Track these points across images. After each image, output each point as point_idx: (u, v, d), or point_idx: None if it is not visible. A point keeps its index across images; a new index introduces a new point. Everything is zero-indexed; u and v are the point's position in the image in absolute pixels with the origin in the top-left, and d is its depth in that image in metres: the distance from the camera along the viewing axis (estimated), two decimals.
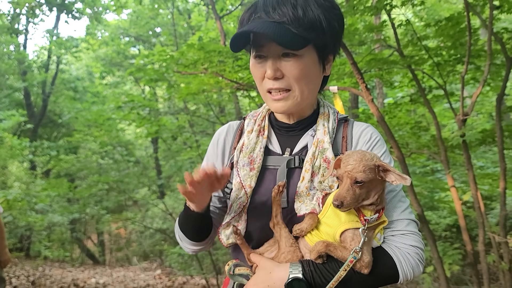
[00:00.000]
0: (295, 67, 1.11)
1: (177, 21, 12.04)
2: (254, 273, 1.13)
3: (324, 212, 1.10)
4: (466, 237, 3.33)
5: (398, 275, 1.07)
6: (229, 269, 1.16)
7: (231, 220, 1.20)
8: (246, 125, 1.30)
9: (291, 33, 1.06)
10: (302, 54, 1.11)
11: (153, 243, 11.07)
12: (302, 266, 1.05)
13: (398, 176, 1.01)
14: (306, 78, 1.14)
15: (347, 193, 1.00)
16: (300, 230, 1.10)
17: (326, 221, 1.08)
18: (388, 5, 3.12)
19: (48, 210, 9.11)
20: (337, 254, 1.04)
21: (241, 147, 1.25)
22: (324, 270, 1.05)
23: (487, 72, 3.04)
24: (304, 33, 1.07)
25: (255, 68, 1.18)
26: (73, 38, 14.19)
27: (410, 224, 1.13)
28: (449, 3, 9.42)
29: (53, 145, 11.99)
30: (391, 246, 1.10)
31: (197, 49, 4.05)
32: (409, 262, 1.08)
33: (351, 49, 3.79)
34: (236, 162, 1.24)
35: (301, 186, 1.14)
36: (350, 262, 1.01)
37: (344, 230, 1.04)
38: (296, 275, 1.03)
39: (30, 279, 7.54)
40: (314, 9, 1.09)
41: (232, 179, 1.24)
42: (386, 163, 1.03)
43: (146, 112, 7.39)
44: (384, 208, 1.08)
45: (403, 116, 4.43)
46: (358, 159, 1.01)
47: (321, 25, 1.09)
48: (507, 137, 3.71)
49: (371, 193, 1.03)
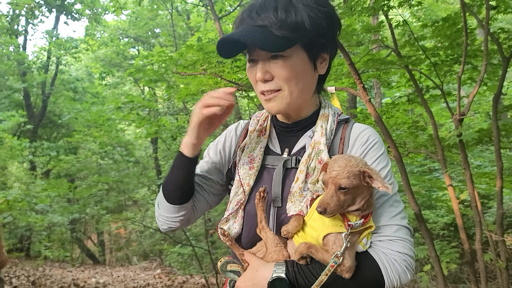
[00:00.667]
0: (283, 68, 1.13)
1: (176, 22, 12.05)
2: (245, 270, 1.16)
3: (310, 215, 1.10)
4: (463, 235, 3.34)
5: (383, 280, 1.05)
6: (221, 266, 1.18)
7: (229, 216, 1.24)
8: (250, 125, 1.34)
9: (273, 36, 1.08)
10: (289, 55, 1.13)
11: (153, 243, 11.09)
12: (286, 266, 1.06)
13: (382, 184, 0.99)
14: (295, 78, 1.15)
15: (331, 200, 0.99)
16: (287, 232, 1.11)
17: (312, 223, 1.08)
18: (386, 6, 3.14)
19: (48, 210, 9.13)
20: (318, 257, 1.04)
21: (243, 146, 1.29)
22: (308, 271, 1.05)
23: (484, 72, 3.05)
24: (288, 34, 1.09)
25: (249, 72, 1.21)
26: (73, 39, 14.22)
27: (400, 230, 1.11)
28: (446, 3, 9.45)
29: (53, 145, 12.01)
30: (377, 252, 1.08)
31: (196, 50, 4.07)
32: (395, 268, 1.06)
33: (348, 49, 3.81)
34: (238, 161, 1.28)
35: (294, 187, 1.16)
36: (331, 267, 1.00)
37: (327, 234, 1.04)
38: (279, 274, 1.05)
39: (31, 279, 7.55)
40: (297, 10, 1.10)
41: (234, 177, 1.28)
42: (371, 169, 1.01)
43: (146, 113, 7.41)
44: (371, 213, 1.07)
45: (401, 116, 4.45)
46: (343, 165, 1.00)
47: (304, 25, 1.10)
48: (504, 136, 3.73)
49: (357, 199, 1.02)
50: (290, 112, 1.25)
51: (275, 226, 1.20)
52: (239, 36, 1.09)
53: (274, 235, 1.14)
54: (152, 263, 10.88)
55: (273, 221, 1.20)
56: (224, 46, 1.15)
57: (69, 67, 16.44)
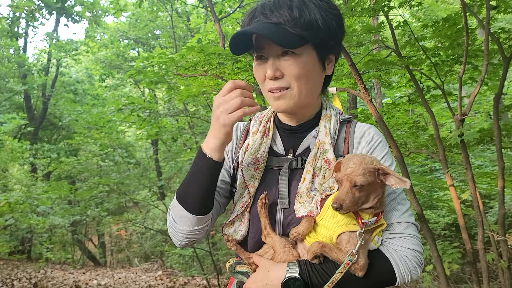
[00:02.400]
0: (294, 66, 1.13)
1: (176, 23, 12.06)
2: (254, 271, 1.15)
3: (322, 214, 1.10)
4: (465, 235, 3.34)
5: (395, 277, 1.08)
6: (230, 267, 1.17)
7: (235, 219, 1.22)
8: (252, 126, 1.33)
9: (288, 33, 1.09)
10: (300, 53, 1.14)
11: (154, 244, 11.08)
12: (299, 266, 1.06)
13: (398, 180, 1.01)
14: (305, 76, 1.15)
15: (346, 196, 1.00)
16: (297, 234, 1.10)
17: (324, 223, 1.09)
18: (386, 7, 3.14)
19: (49, 212, 9.13)
20: (332, 256, 1.04)
21: (246, 148, 1.28)
22: (321, 270, 1.05)
23: (485, 71, 3.05)
24: (301, 32, 1.10)
25: (256, 70, 1.21)
26: (73, 41, 14.23)
27: (409, 227, 1.14)
28: (446, 4, 9.45)
29: (54, 147, 12.02)
30: (388, 249, 1.10)
31: (196, 51, 4.07)
32: (406, 265, 1.09)
33: (349, 50, 3.81)
34: (241, 162, 1.27)
35: (301, 187, 1.16)
36: (346, 265, 1.01)
37: (341, 233, 1.05)
38: (293, 274, 1.05)
39: (32, 282, 7.55)
40: (310, 9, 1.12)
41: (237, 179, 1.27)
42: (386, 166, 1.03)
43: (146, 114, 7.40)
44: (383, 211, 1.09)
45: (402, 116, 4.44)
46: (358, 162, 1.02)
47: (318, 25, 1.12)
48: (505, 136, 3.73)
49: (371, 197, 1.04)
50: (296, 112, 1.24)
51: (281, 228, 1.19)
52: (256, 30, 1.09)
53: (280, 238, 1.14)
54: (153, 265, 10.87)
55: (280, 222, 1.19)
56: (237, 41, 1.14)
57: (69, 69, 16.46)
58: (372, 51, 4.02)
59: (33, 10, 11.69)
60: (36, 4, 11.61)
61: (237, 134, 1.37)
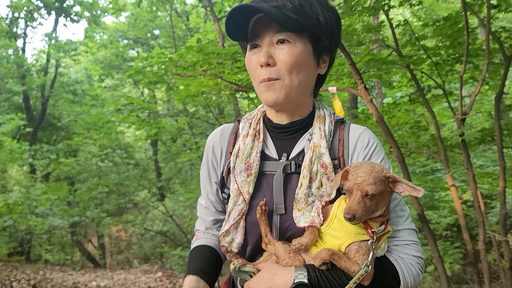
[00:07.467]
0: (288, 54, 1.12)
1: (176, 23, 12.04)
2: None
3: (329, 224, 1.07)
4: (466, 236, 3.33)
5: (399, 284, 1.09)
6: (235, 267, 1.12)
7: (230, 228, 1.18)
8: (241, 129, 1.26)
9: (287, 16, 1.09)
10: (295, 43, 1.12)
11: (153, 246, 11.06)
12: (307, 271, 1.04)
13: (410, 188, 1.00)
14: (298, 67, 1.13)
15: (358, 206, 0.99)
16: (300, 245, 1.07)
17: (332, 232, 1.07)
18: (386, 6, 3.13)
19: (48, 213, 9.11)
20: (341, 264, 1.03)
21: (237, 152, 1.22)
22: (330, 277, 1.04)
23: (486, 71, 3.04)
24: (301, 19, 1.10)
25: (249, 59, 1.19)
26: (72, 41, 14.20)
27: (412, 233, 1.16)
28: (447, 3, 9.44)
29: (53, 148, 11.98)
30: (394, 256, 1.12)
31: (196, 51, 4.05)
32: (411, 272, 1.11)
33: (349, 49, 3.79)
34: (232, 168, 1.21)
35: (299, 193, 1.13)
36: (361, 276, 1.00)
37: (351, 243, 1.04)
38: (301, 279, 1.02)
39: (31, 283, 7.53)
40: (312, 4, 1.12)
41: (230, 185, 1.22)
42: (395, 174, 1.03)
43: (146, 115, 7.39)
44: (389, 219, 1.08)
45: (402, 116, 4.43)
46: (368, 171, 1.00)
47: (317, 18, 1.12)
48: (506, 136, 3.71)
49: (380, 205, 1.03)
50: (286, 106, 1.20)
51: (278, 234, 1.16)
52: (255, 3, 1.09)
53: (283, 244, 1.11)
54: (153, 266, 10.84)
55: (277, 229, 1.16)
56: (234, 20, 1.13)
57: (68, 70, 16.44)
58: (373, 51, 4.01)
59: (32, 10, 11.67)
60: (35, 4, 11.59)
61: (223, 140, 1.31)
